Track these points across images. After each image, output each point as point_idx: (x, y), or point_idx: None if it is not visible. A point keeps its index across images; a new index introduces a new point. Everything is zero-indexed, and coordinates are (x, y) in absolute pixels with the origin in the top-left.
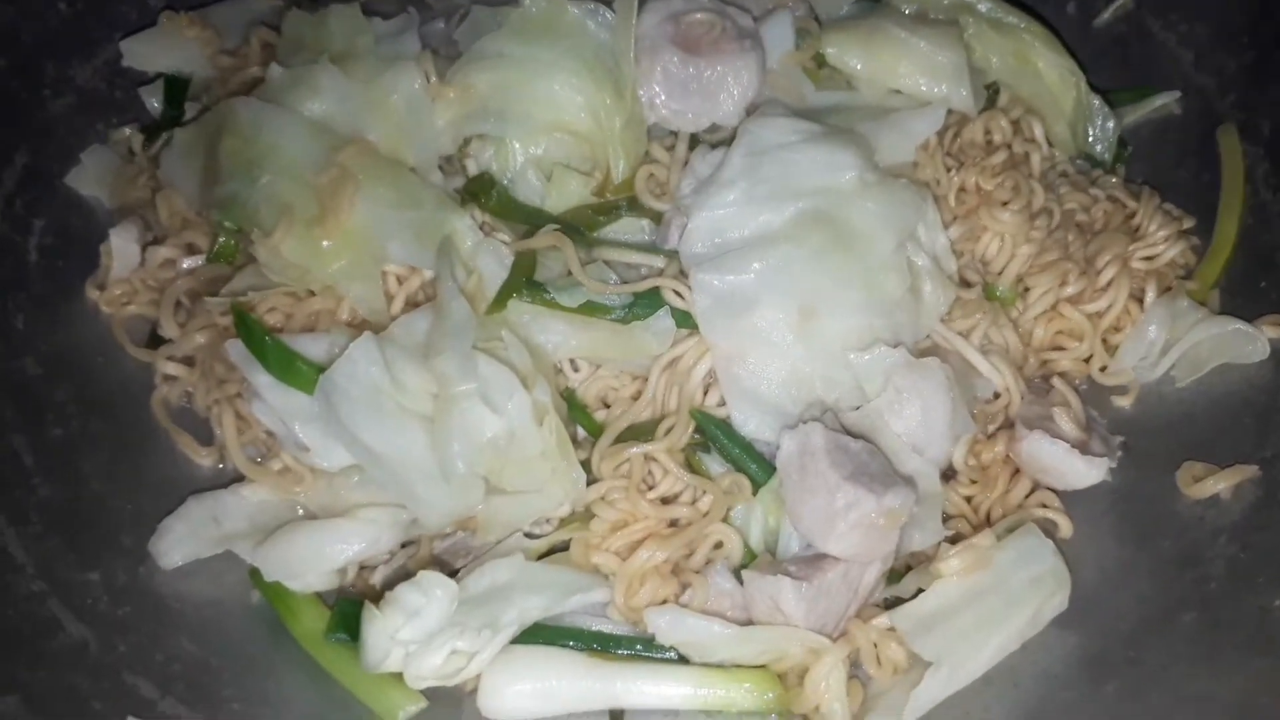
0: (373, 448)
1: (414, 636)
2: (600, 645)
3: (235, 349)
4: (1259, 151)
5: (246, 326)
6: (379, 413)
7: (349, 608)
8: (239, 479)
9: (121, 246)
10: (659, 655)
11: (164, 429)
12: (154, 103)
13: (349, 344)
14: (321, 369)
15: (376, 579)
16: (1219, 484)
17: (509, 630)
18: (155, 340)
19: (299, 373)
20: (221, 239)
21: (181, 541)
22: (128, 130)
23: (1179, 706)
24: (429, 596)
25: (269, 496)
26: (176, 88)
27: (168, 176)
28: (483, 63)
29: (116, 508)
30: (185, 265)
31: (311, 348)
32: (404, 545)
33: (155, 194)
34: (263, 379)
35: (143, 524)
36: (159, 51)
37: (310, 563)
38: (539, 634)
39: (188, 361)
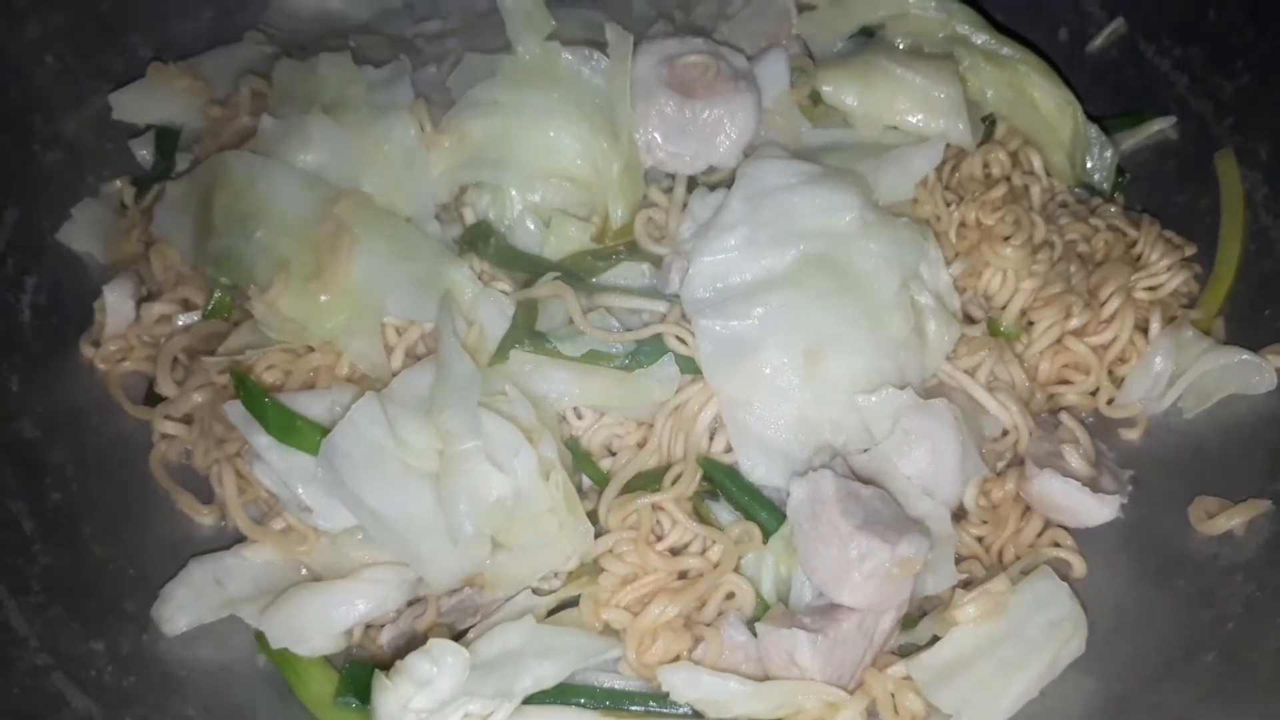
0: (377, 510)
1: (427, 706)
2: (613, 703)
3: (234, 410)
4: (1258, 176)
5: (246, 388)
6: (383, 474)
7: (358, 671)
8: (241, 539)
9: (116, 303)
10: (673, 711)
11: (164, 489)
12: (145, 155)
13: (350, 401)
14: (323, 429)
15: (384, 638)
16: (1232, 520)
17: (519, 699)
18: (153, 397)
19: (300, 434)
20: (217, 294)
21: (185, 607)
22: (119, 183)
23: None
24: (440, 665)
25: (272, 557)
26: (167, 139)
27: (161, 231)
28: (477, 110)
29: (118, 572)
30: (181, 322)
31: (312, 406)
32: (410, 603)
33: (149, 249)
34: (263, 440)
35: (145, 589)
36: (148, 103)
37: (316, 626)
38: (552, 693)
39: (186, 420)
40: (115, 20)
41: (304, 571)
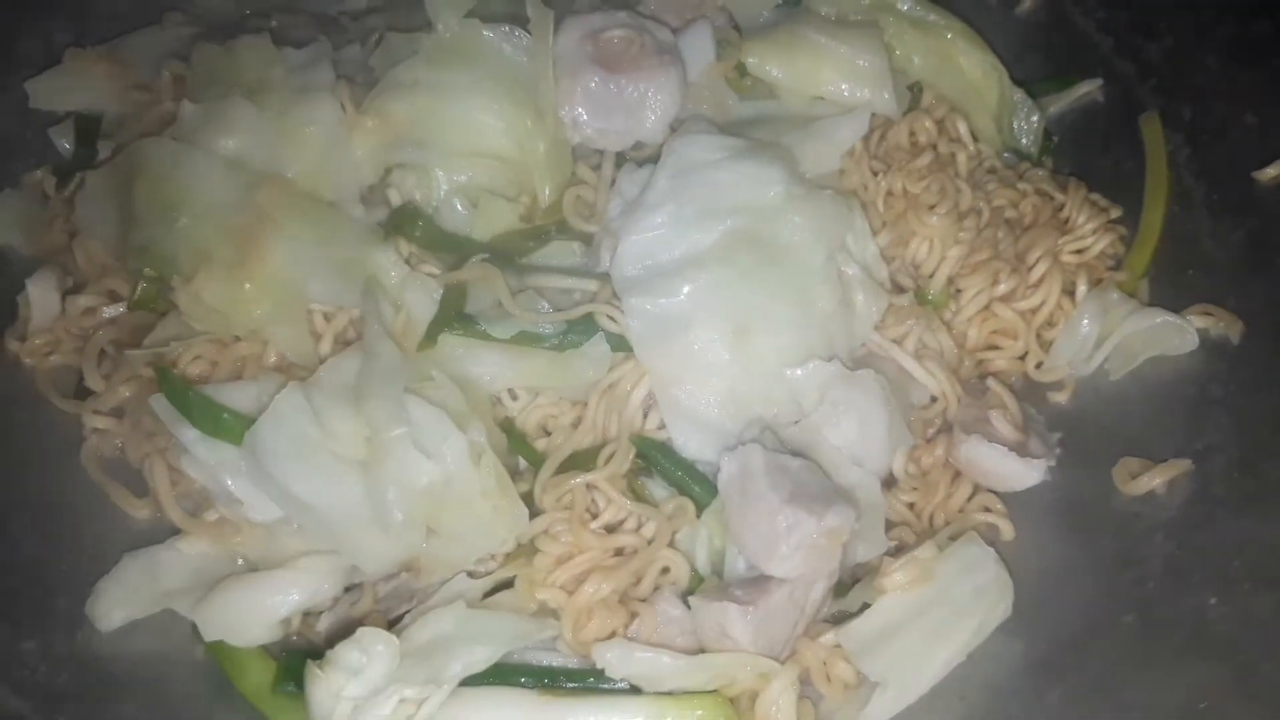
0: (305, 500)
1: (359, 694)
2: (551, 681)
3: (159, 404)
4: (1181, 138)
5: (169, 382)
6: (310, 464)
7: (295, 660)
8: (176, 533)
9: (40, 296)
10: (611, 686)
11: (96, 483)
12: (65, 143)
13: (277, 391)
14: (249, 420)
15: (322, 625)
16: (1154, 480)
17: (450, 685)
18: (83, 391)
19: (226, 426)
20: (142, 286)
21: (119, 602)
22: (39, 173)
23: (1122, 714)
24: (370, 654)
25: (207, 549)
26: (88, 126)
27: (83, 221)
28: (400, 90)
29: (50, 570)
30: (107, 314)
31: (239, 397)
32: (347, 589)
33: (72, 239)
34: (189, 434)
35: (78, 585)
36: (67, 90)
37: (252, 617)
38: (489, 673)
39: (116, 413)
40: (31, 4)
41: (240, 562)
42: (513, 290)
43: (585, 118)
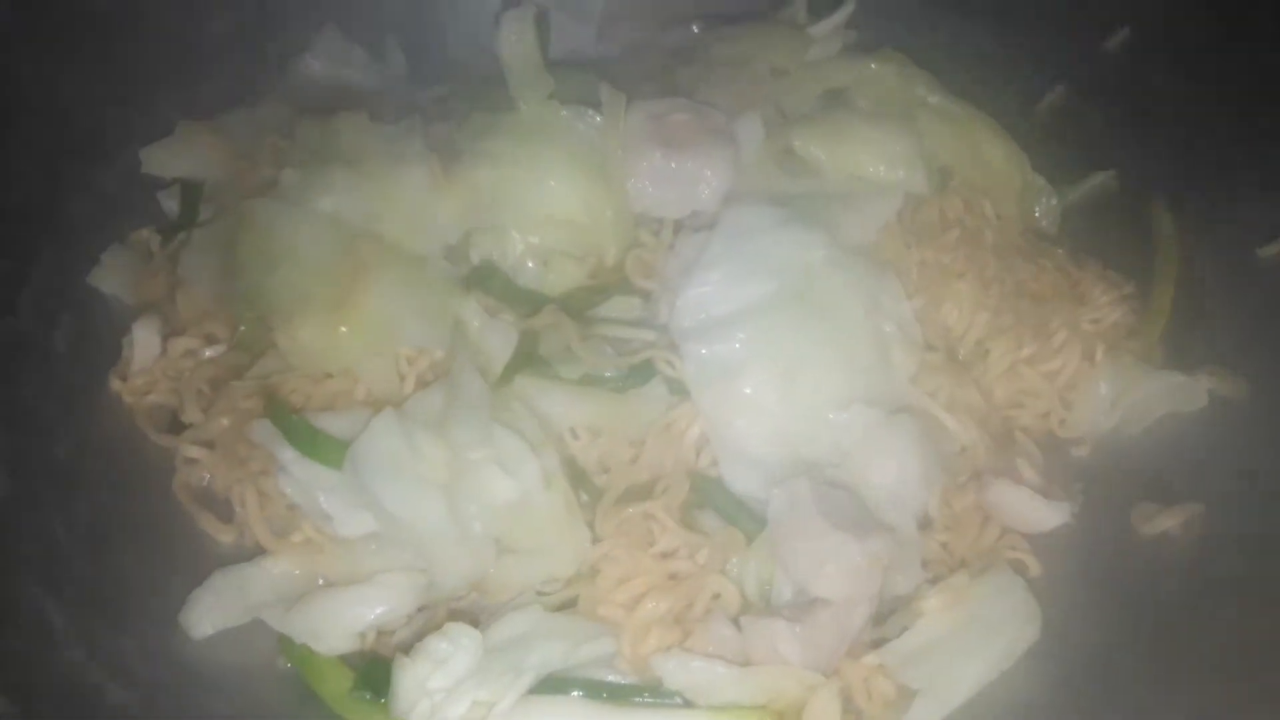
0: (394, 513)
1: (443, 685)
2: (610, 695)
3: (262, 429)
4: (1188, 220)
5: (275, 406)
6: (400, 482)
7: (373, 668)
8: (258, 554)
9: (143, 339)
10: (666, 701)
11: (187, 509)
12: (171, 205)
13: (369, 419)
14: (343, 444)
15: (395, 640)
16: (1169, 521)
17: (529, 676)
18: (175, 427)
19: (323, 447)
20: (242, 329)
21: (210, 611)
22: (145, 231)
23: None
24: (456, 645)
25: (290, 568)
26: (192, 191)
27: (187, 272)
28: (482, 160)
29: (147, 582)
30: (207, 355)
31: (333, 425)
32: (420, 610)
33: (174, 290)
34: (288, 454)
35: (171, 597)
36: (175, 158)
37: (334, 625)
38: (553, 686)
39: (207, 444)
40: (145, 82)
41: (320, 581)
42: (579, 338)
43: (648, 189)
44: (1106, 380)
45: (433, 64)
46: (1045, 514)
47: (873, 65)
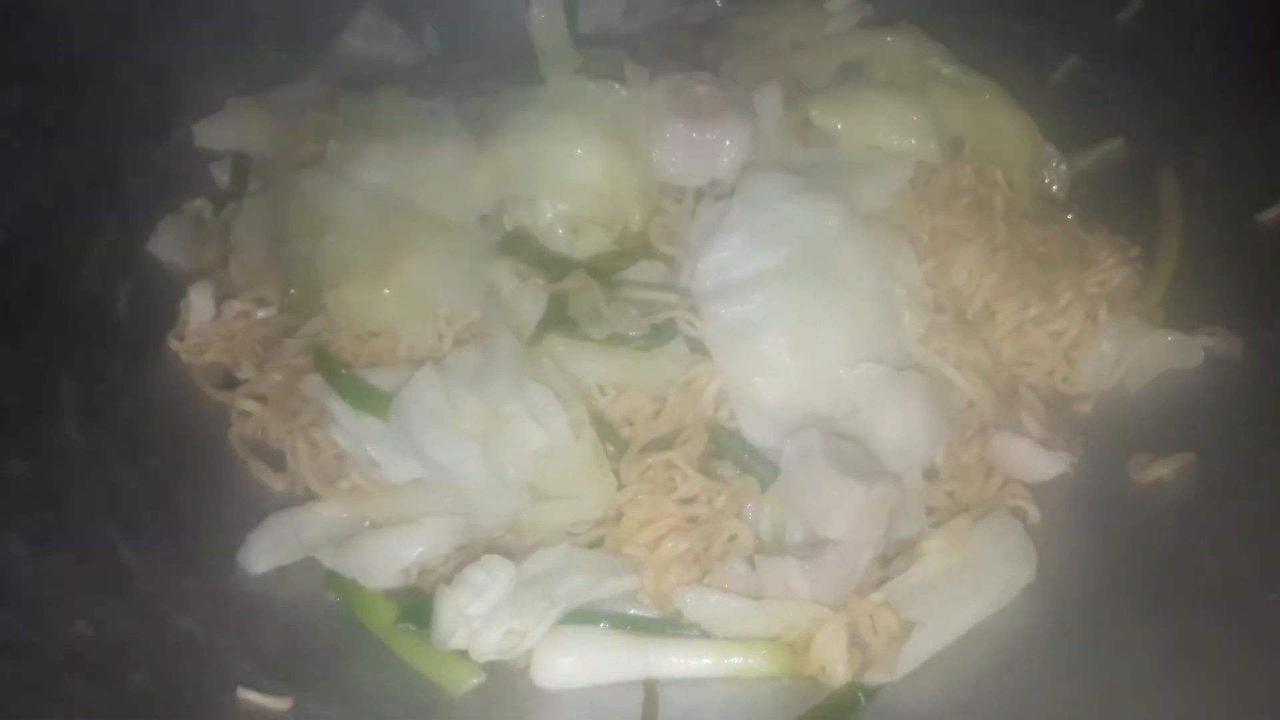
0: (435, 460)
1: (480, 612)
2: (633, 627)
3: (313, 384)
4: (1193, 187)
5: (326, 361)
6: (440, 431)
7: (415, 601)
8: (311, 498)
9: (199, 302)
10: (685, 634)
11: (241, 459)
12: (222, 177)
13: (412, 374)
14: (387, 396)
15: (435, 579)
16: (1163, 469)
17: (561, 605)
18: (229, 383)
19: (371, 399)
20: (292, 292)
21: (266, 551)
22: (199, 202)
23: (1128, 650)
24: (492, 575)
25: (339, 512)
26: (242, 164)
27: (239, 239)
28: (514, 133)
29: (207, 526)
30: (259, 316)
31: (378, 380)
32: (458, 550)
33: (227, 256)
34: (338, 406)
35: (230, 538)
36: (226, 133)
37: (380, 563)
38: (581, 618)
39: (260, 399)
40: (196, 62)
41: (366, 523)
42: (606, 300)
43: (671, 158)
44: (1110, 339)
45: (466, 41)
46: (1046, 464)
47: (888, 38)
